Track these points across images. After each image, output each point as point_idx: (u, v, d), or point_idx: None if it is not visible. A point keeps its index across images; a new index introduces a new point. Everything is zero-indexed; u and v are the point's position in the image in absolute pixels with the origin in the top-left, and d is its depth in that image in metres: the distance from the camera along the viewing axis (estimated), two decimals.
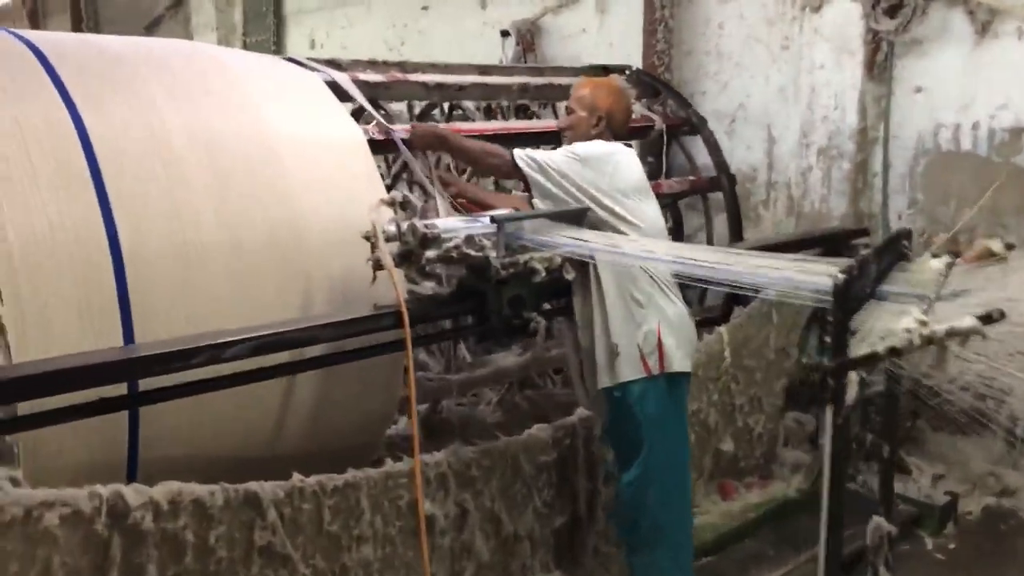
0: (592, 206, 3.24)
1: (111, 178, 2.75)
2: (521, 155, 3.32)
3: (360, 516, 2.97)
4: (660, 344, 3.17)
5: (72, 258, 2.62)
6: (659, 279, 3.20)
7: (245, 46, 10.92)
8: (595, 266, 3.16)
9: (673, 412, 3.27)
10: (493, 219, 2.99)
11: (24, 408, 2.40)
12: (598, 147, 3.36)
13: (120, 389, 2.57)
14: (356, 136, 3.44)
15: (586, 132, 3.47)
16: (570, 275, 3.14)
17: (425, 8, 8.62)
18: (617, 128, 3.55)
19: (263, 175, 3.06)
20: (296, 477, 2.83)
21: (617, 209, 3.25)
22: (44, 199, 2.63)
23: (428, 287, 3.29)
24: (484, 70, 4.63)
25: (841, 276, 2.51)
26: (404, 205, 3.03)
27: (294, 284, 3.05)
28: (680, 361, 3.23)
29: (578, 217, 3.20)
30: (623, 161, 3.37)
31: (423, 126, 3.61)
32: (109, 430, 2.68)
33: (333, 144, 3.35)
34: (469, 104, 4.67)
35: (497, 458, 3.35)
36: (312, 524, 2.86)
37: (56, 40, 3.17)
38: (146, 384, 2.59)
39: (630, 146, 3.60)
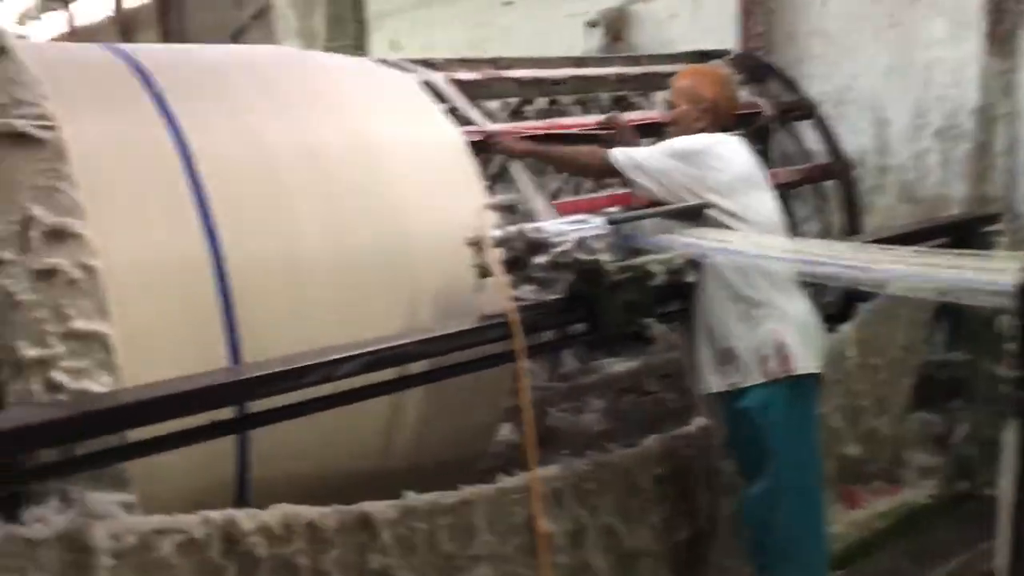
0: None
1: (214, 194, 2.68)
2: (617, 155, 3.15)
3: (475, 535, 2.85)
4: (782, 345, 2.95)
5: (177, 278, 2.55)
6: (777, 276, 2.98)
7: (327, 51, 10.96)
8: (706, 266, 2.97)
9: (801, 418, 3.05)
10: (608, 220, 2.81)
11: (134, 432, 2.33)
12: (698, 141, 3.16)
13: (230, 410, 2.49)
14: (456, 139, 3.31)
15: (691, 125, 3.27)
16: (692, 277, 2.95)
17: (508, 3, 8.49)
18: (724, 118, 3.34)
19: (368, 184, 2.96)
20: (409, 496, 2.72)
21: (725, 205, 3.04)
22: (148, 218, 2.58)
23: (527, 291, 3.13)
24: (579, 62, 4.46)
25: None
26: (511, 209, 2.87)
27: (400, 295, 2.94)
28: (806, 362, 3.01)
29: (696, 213, 3.00)
30: (727, 153, 3.15)
31: (508, 143, 3.43)
32: (219, 451, 2.60)
33: (435, 148, 3.23)
34: (565, 99, 4.49)
35: (612, 471, 3.18)
36: (426, 544, 2.74)
37: (153, 52, 3.13)
38: (256, 403, 2.51)
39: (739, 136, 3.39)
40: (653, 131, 4.36)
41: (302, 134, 2.94)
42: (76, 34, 17.99)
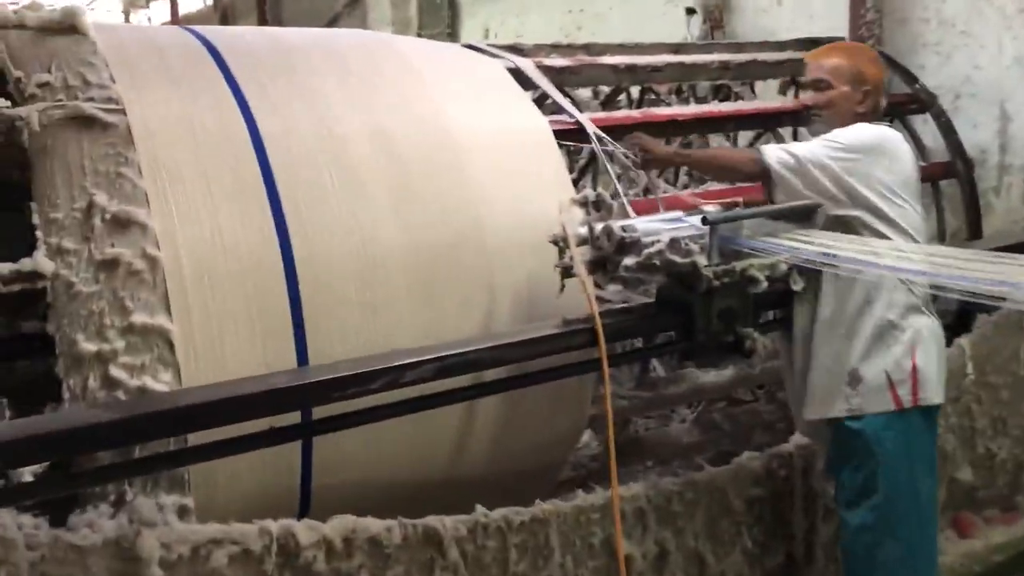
0: (854, 208, 2.71)
1: (285, 185, 2.53)
2: (774, 152, 2.78)
3: (549, 555, 2.65)
4: (915, 371, 2.66)
5: (243, 271, 2.41)
6: (916, 290, 2.68)
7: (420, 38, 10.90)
8: (827, 274, 2.67)
9: (922, 451, 2.75)
10: (705, 219, 2.56)
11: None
12: (869, 133, 2.78)
13: (294, 415, 2.34)
14: (543, 129, 3.09)
15: (851, 110, 2.86)
16: (798, 286, 2.68)
17: None
18: (879, 105, 2.95)
19: (445, 177, 2.77)
20: (479, 511, 2.54)
21: (885, 210, 2.70)
22: (215, 206, 2.44)
23: (613, 291, 2.89)
24: (678, 49, 4.18)
25: None
26: (598, 205, 2.65)
27: (477, 296, 2.74)
28: (936, 391, 2.71)
29: (808, 214, 2.72)
30: (898, 150, 2.81)
31: (648, 145, 2.98)
32: (282, 457, 2.46)
33: (519, 138, 3.02)
34: (661, 88, 4.24)
35: (702, 491, 2.94)
36: (497, 564, 2.56)
37: (229, 35, 3.01)
38: (322, 408, 2.35)
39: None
40: (760, 122, 4.10)
41: (378, 122, 2.77)
42: (178, 22, 18.39)
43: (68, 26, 2.54)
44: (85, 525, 2.02)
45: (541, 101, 3.55)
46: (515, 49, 3.68)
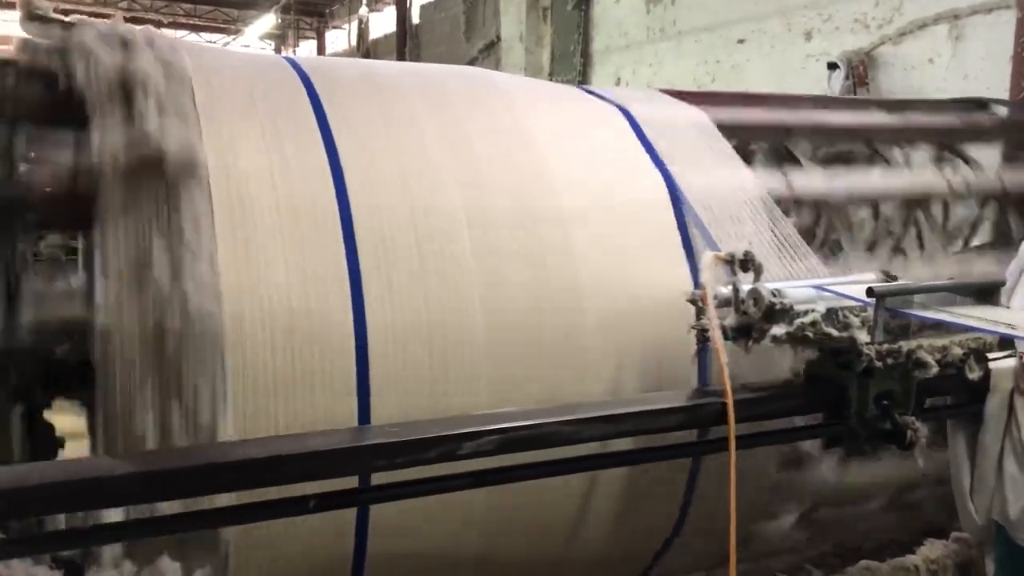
0: None
1: (364, 242, 2.33)
2: None
3: None
4: None
5: (311, 332, 2.21)
6: None
7: None
8: None
9: None
10: (870, 290, 2.22)
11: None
12: None
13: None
14: (658, 184, 2.80)
15: None
16: (975, 374, 2.28)
17: (741, 41, 7.94)
18: None
19: (545, 245, 2.53)
20: None
21: None
22: (287, 261, 2.25)
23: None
24: (820, 103, 3.79)
25: None
26: (746, 264, 2.31)
27: (571, 360, 2.47)
28: None
29: (991, 292, 2.34)
30: None
31: None
32: (332, 520, 2.23)
33: (633, 196, 2.75)
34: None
35: None
36: None
37: (329, 68, 2.84)
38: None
39: None
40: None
41: (475, 181, 2.55)
42: None
43: (159, 57, 2.41)
44: None
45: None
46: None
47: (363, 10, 19.11)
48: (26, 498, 1.62)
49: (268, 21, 23.62)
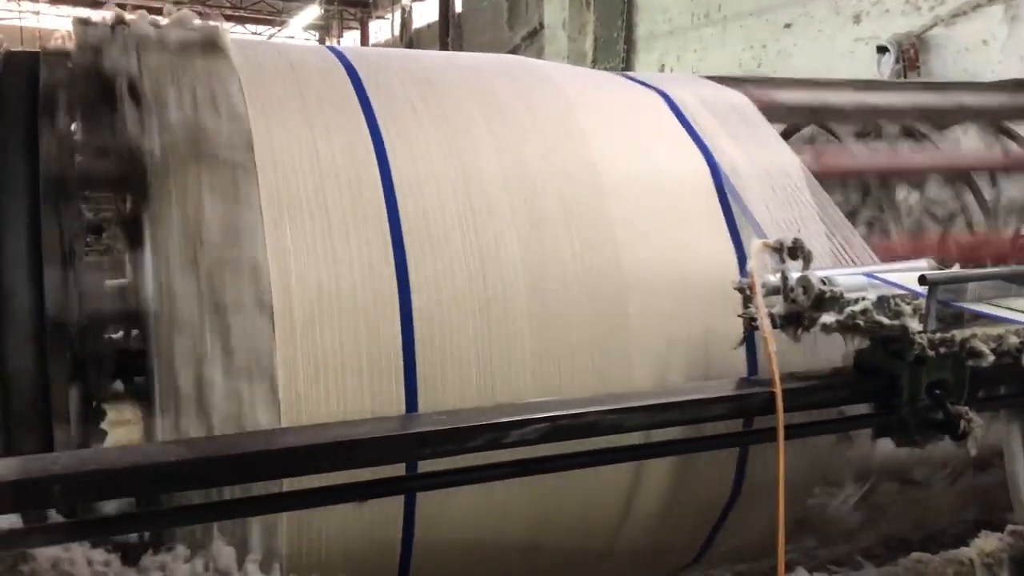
0: None
1: (409, 224, 2.35)
2: None
3: None
4: None
5: (357, 316, 2.23)
6: None
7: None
8: None
9: None
10: (923, 278, 2.18)
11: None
12: None
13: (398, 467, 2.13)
14: (700, 170, 2.78)
15: None
16: None
17: (788, 26, 7.82)
18: None
19: (589, 230, 2.52)
20: None
21: None
22: (334, 246, 2.28)
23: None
24: (865, 86, 3.75)
25: None
26: (795, 252, 2.28)
27: (616, 348, 2.46)
28: None
29: None
30: None
31: None
32: (382, 508, 2.26)
33: (679, 182, 2.73)
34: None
35: None
36: None
37: (374, 58, 2.85)
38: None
39: None
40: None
41: (521, 171, 2.54)
42: None
43: (208, 46, 2.45)
44: (157, 568, 1.87)
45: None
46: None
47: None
48: (85, 483, 1.66)
49: (312, 12, 23.80)
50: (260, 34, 28.34)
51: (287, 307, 2.18)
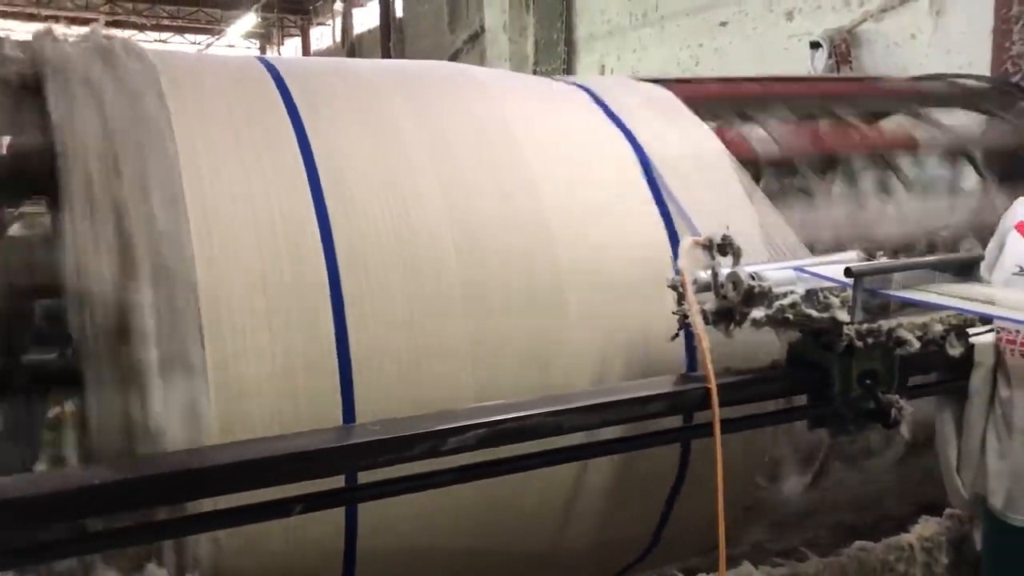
0: None
1: (339, 231, 2.32)
2: None
3: None
4: None
5: (292, 335, 2.20)
6: None
7: (536, 74, 10.80)
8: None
9: None
10: (848, 270, 2.21)
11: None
12: None
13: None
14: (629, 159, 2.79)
15: None
16: (955, 350, 2.28)
17: (723, 24, 7.92)
18: None
19: (524, 229, 2.52)
20: None
21: None
22: (259, 245, 2.24)
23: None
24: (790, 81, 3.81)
25: None
26: (724, 248, 2.30)
27: (555, 348, 2.46)
28: None
29: (970, 267, 2.33)
30: None
31: None
32: (322, 520, 2.22)
33: (609, 173, 2.74)
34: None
35: None
36: None
37: (303, 70, 2.81)
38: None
39: None
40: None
41: (448, 159, 2.54)
42: None
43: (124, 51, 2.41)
44: None
45: None
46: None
47: (338, 4, 19.03)
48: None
49: (250, 21, 23.51)
50: (199, 43, 27.94)
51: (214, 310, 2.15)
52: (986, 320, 2.33)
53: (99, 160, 2.12)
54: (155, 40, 27.07)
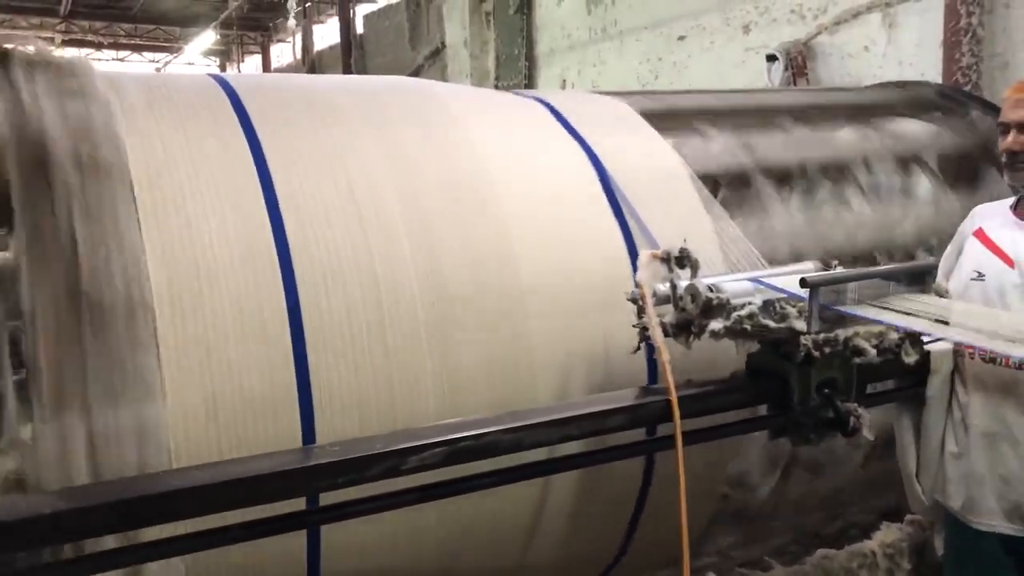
0: None
1: (296, 242, 2.30)
2: None
3: None
4: None
5: (247, 345, 2.17)
6: None
7: (497, 89, 10.82)
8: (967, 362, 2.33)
9: None
10: (804, 280, 2.23)
11: None
12: None
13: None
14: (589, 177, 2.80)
15: None
16: (911, 358, 2.30)
17: (682, 38, 7.98)
18: None
19: (485, 243, 2.52)
20: None
21: None
22: (216, 255, 2.22)
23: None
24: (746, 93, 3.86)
25: None
26: (682, 261, 2.31)
27: (518, 363, 2.45)
28: None
29: (922, 275, 2.36)
30: None
31: None
32: (283, 543, 2.19)
33: (568, 185, 2.75)
34: None
35: None
36: None
37: (256, 87, 2.79)
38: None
39: None
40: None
41: (406, 173, 2.53)
42: None
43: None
44: None
45: None
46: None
47: (291, 22, 18.88)
48: None
49: (208, 38, 23.33)
50: (157, 62, 27.69)
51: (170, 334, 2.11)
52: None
53: (49, 186, 2.09)
54: (113, 59, 26.79)
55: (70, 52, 2.67)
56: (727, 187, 3.27)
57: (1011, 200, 2.53)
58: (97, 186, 2.15)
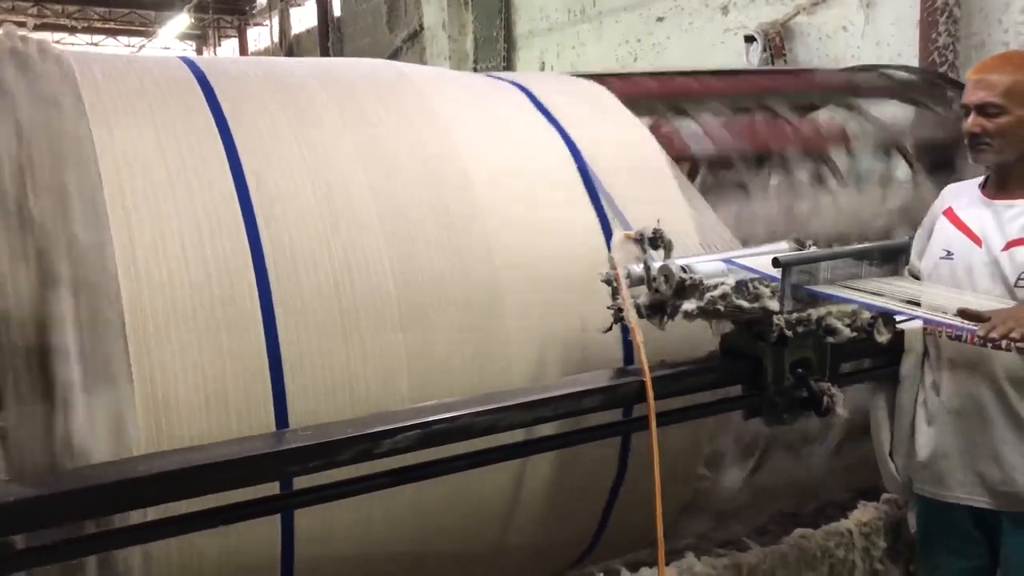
0: None
1: (266, 228, 2.27)
2: None
3: None
4: None
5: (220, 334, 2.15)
6: None
7: (476, 71, 10.76)
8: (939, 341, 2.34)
9: None
10: (776, 260, 2.22)
11: None
12: None
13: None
14: (565, 158, 2.78)
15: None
16: (883, 338, 2.31)
17: (660, 19, 7.96)
18: None
19: (459, 226, 2.50)
20: None
21: None
22: (185, 247, 2.19)
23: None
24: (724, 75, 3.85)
25: None
26: (655, 241, 2.30)
27: (493, 346, 2.44)
28: None
29: (894, 255, 2.36)
30: None
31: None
32: (256, 528, 2.17)
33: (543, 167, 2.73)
34: None
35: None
36: None
37: (221, 64, 2.75)
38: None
39: None
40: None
41: (379, 158, 2.50)
42: None
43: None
44: None
45: None
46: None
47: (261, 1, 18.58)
48: None
49: (183, 21, 23.04)
50: (132, 46, 27.34)
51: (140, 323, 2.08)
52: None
53: (14, 170, 2.05)
54: (87, 44, 26.40)
55: (43, 36, 2.63)
56: (705, 170, 3.26)
57: (980, 179, 2.53)
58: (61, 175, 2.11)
